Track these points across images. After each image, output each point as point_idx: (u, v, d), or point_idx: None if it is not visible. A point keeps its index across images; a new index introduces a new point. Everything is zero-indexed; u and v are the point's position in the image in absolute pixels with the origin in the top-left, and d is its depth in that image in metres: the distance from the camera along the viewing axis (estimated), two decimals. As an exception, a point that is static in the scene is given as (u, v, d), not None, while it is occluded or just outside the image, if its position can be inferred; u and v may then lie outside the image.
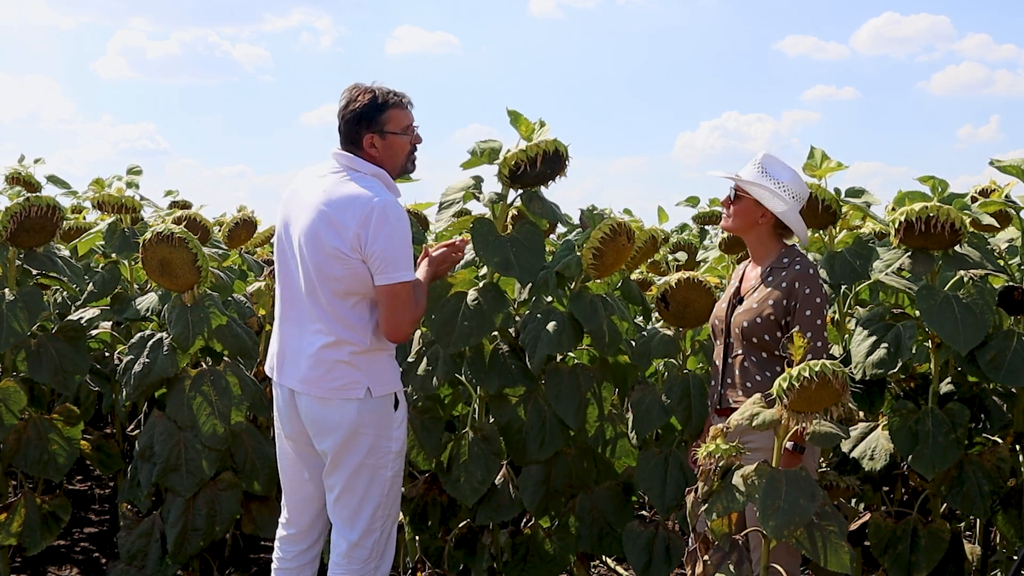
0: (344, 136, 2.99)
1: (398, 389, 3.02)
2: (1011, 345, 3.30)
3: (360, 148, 2.97)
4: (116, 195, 4.43)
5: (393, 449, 2.99)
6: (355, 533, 3.00)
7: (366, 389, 2.92)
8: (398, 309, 2.87)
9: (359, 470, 2.97)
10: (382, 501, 3.01)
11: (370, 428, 2.95)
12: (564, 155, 3.34)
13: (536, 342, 3.36)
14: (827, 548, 2.42)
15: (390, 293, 2.86)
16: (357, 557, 3.02)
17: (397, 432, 3.00)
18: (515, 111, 3.37)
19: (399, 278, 2.85)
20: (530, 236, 3.42)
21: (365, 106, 2.93)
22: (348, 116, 2.95)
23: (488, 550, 3.56)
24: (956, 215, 3.23)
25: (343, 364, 2.92)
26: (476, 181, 3.50)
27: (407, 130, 3.00)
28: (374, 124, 2.94)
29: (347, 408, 2.93)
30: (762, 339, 2.98)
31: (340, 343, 2.92)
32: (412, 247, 2.91)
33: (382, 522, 3.03)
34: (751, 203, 3.04)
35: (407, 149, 3.02)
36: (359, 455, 2.95)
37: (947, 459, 3.26)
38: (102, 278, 4.49)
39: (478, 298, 3.39)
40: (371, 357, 2.94)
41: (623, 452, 3.63)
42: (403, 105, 2.99)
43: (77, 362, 3.96)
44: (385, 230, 2.82)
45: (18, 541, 3.91)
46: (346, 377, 2.92)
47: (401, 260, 2.85)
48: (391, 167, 3.00)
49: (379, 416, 2.96)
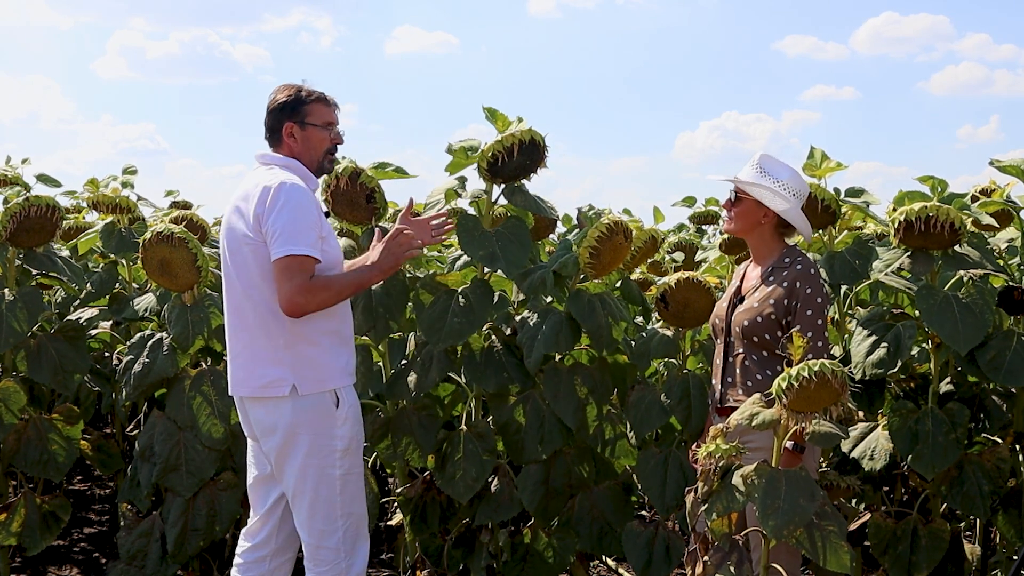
0: (267, 129, 3.02)
1: (338, 386, 2.93)
2: (1011, 345, 3.30)
3: (280, 139, 2.99)
4: (111, 195, 4.44)
5: (338, 448, 2.92)
6: (314, 536, 2.96)
7: (291, 387, 2.87)
8: (286, 279, 2.80)
9: (304, 472, 2.92)
10: (336, 500, 2.94)
11: (307, 428, 2.89)
12: (541, 144, 3.34)
13: (533, 341, 3.37)
14: (827, 548, 2.42)
15: (280, 265, 2.81)
16: (323, 559, 2.97)
17: (342, 430, 2.93)
18: (491, 108, 3.37)
19: (289, 251, 2.79)
20: (516, 230, 3.42)
21: (289, 97, 2.98)
22: (272, 107, 2.99)
23: (487, 550, 3.56)
24: (956, 215, 3.23)
25: (265, 361, 2.90)
26: (460, 181, 3.51)
27: (327, 126, 3.02)
28: (295, 114, 2.97)
29: (280, 409, 2.89)
30: (763, 338, 2.98)
31: (258, 339, 2.91)
32: (309, 226, 2.83)
33: (343, 521, 2.96)
34: (752, 204, 3.04)
35: (325, 145, 3.03)
36: (300, 457, 2.90)
37: (947, 459, 3.26)
38: (100, 278, 4.49)
39: (467, 295, 3.39)
40: (295, 353, 2.88)
41: (622, 452, 3.63)
42: (326, 102, 3.02)
43: (77, 362, 3.97)
44: (279, 206, 2.81)
45: (18, 541, 3.91)
46: (269, 375, 2.89)
47: (294, 235, 2.80)
48: (308, 161, 3.01)
49: (316, 416, 2.89)
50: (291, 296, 2.80)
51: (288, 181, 2.86)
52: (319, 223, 2.89)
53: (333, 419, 2.92)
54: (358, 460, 3.02)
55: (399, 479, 3.68)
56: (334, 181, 3.34)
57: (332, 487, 2.93)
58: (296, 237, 2.81)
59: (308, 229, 2.83)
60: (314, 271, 2.85)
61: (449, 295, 3.40)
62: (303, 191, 2.87)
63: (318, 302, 2.85)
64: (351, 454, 2.96)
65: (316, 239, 2.86)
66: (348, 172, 3.33)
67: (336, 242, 3.04)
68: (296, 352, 2.89)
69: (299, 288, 2.80)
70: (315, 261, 2.85)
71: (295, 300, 2.80)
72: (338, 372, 2.95)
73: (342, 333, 3.01)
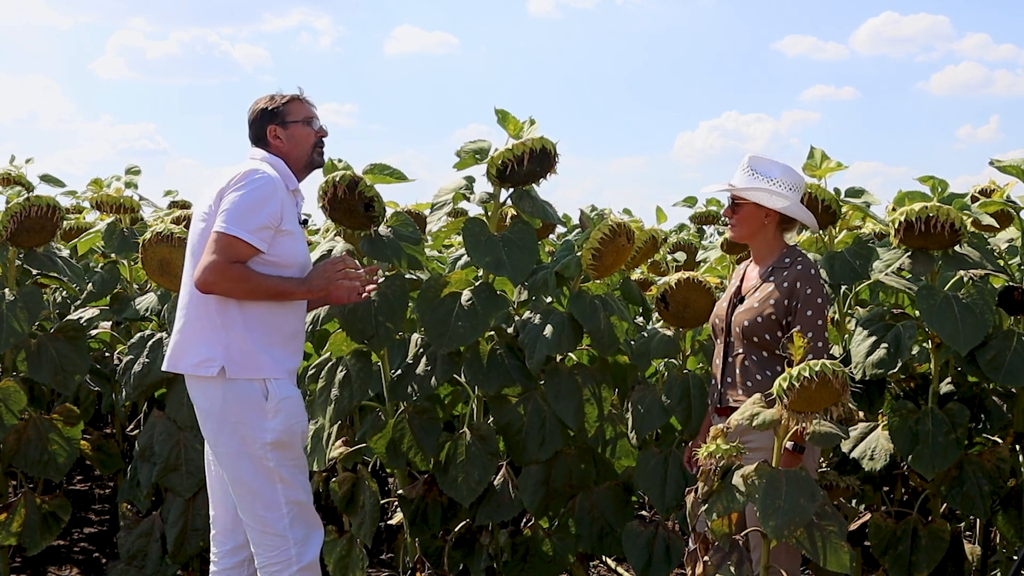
0: (252, 139, 3.08)
1: (268, 376, 2.91)
2: (1011, 345, 3.30)
3: (267, 144, 3.05)
4: (114, 195, 4.44)
5: (267, 440, 2.89)
6: (257, 521, 2.94)
7: (220, 368, 2.87)
8: (208, 252, 2.81)
9: (238, 459, 2.92)
10: (277, 488, 2.92)
11: (236, 416, 2.88)
12: (552, 152, 3.34)
13: (535, 342, 3.36)
14: (827, 548, 2.43)
15: (211, 238, 2.83)
16: (270, 544, 2.94)
17: (272, 423, 2.89)
18: (503, 110, 3.37)
19: (224, 228, 2.81)
20: (522, 235, 3.42)
21: (266, 104, 3.06)
22: (253, 118, 3.07)
23: (487, 550, 3.56)
24: (956, 215, 3.23)
25: (200, 340, 2.91)
26: (468, 182, 3.50)
27: (309, 121, 3.08)
28: (276, 116, 3.04)
29: (212, 392, 2.90)
30: (763, 338, 2.98)
31: (199, 318, 2.93)
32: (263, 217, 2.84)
33: (287, 508, 2.94)
34: (752, 207, 3.04)
35: (311, 140, 3.08)
36: (234, 444, 2.91)
37: (947, 459, 3.26)
38: (101, 278, 4.49)
39: (472, 298, 3.38)
40: (229, 336, 2.88)
41: (623, 452, 3.63)
42: (302, 100, 3.09)
43: (77, 362, 3.96)
44: (240, 186, 2.86)
45: (18, 541, 3.91)
46: (202, 354, 2.90)
47: (238, 216, 2.82)
48: (296, 157, 3.06)
49: (245, 405, 2.88)
50: (204, 269, 2.83)
51: (259, 171, 2.90)
52: (277, 218, 2.89)
53: (263, 411, 2.90)
54: (295, 453, 2.98)
55: (399, 480, 3.68)
56: (331, 189, 3.31)
57: (269, 476, 2.91)
58: (242, 219, 2.83)
59: (256, 216, 2.84)
60: (245, 259, 2.85)
61: (453, 298, 3.40)
62: (270, 182, 2.89)
63: (225, 288, 2.86)
64: (283, 448, 2.93)
65: (263, 229, 2.86)
66: (346, 180, 3.29)
67: (302, 247, 3.04)
68: (231, 335, 2.89)
69: (215, 265, 2.82)
70: (250, 249, 2.84)
71: (204, 275, 2.83)
72: (270, 364, 2.93)
73: (283, 330, 2.98)
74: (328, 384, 3.44)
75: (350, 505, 3.55)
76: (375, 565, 4.58)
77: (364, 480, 3.53)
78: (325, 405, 3.42)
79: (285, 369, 2.98)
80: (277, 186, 2.91)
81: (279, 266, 2.93)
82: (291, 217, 2.97)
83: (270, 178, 2.90)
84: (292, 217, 2.98)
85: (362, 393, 3.38)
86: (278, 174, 2.96)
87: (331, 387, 3.43)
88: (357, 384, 3.38)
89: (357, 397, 3.37)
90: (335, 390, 3.41)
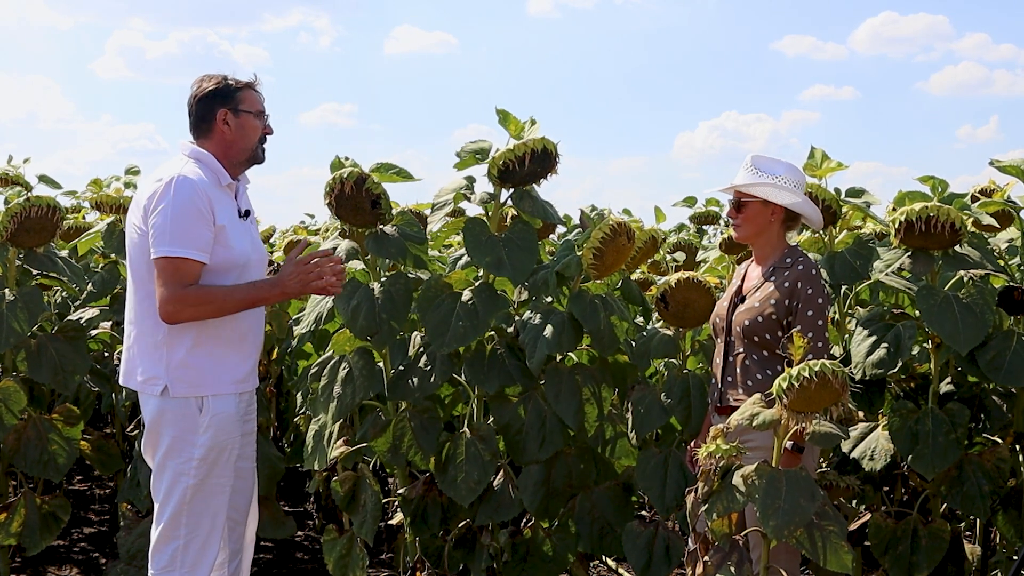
0: (196, 117, 2.95)
1: (210, 393, 2.88)
2: (1011, 345, 3.30)
3: (211, 128, 2.93)
4: (114, 195, 4.44)
5: (195, 456, 2.85)
6: (159, 534, 2.92)
7: (164, 387, 2.85)
8: (160, 283, 2.76)
9: (161, 469, 2.91)
10: (183, 509, 2.88)
11: (169, 428, 2.86)
12: (553, 153, 3.34)
13: (536, 342, 3.36)
14: (827, 548, 2.43)
15: (157, 267, 2.77)
16: (157, 560, 2.93)
17: (203, 438, 2.86)
18: (504, 110, 3.37)
19: (163, 252, 2.75)
20: (523, 235, 3.42)
21: (220, 85, 2.94)
22: (201, 95, 2.93)
23: (487, 550, 3.56)
24: (956, 215, 3.23)
25: (145, 357, 2.89)
26: (468, 181, 3.50)
27: (260, 115, 2.99)
28: (229, 101, 2.92)
29: (149, 404, 2.90)
30: (763, 338, 2.98)
31: (143, 334, 2.89)
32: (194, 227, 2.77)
33: (185, 532, 2.89)
34: (758, 205, 3.04)
35: (258, 134, 2.99)
36: (160, 453, 2.89)
37: (947, 459, 3.26)
38: (101, 278, 4.49)
39: (472, 298, 3.38)
40: (170, 353, 2.85)
41: (623, 452, 3.63)
42: (256, 90, 3.00)
43: (77, 362, 3.96)
44: (163, 203, 2.76)
45: (18, 541, 3.91)
46: (148, 371, 2.88)
47: (170, 235, 2.75)
48: (241, 148, 2.97)
49: (178, 417, 2.86)
50: (163, 302, 2.77)
51: (181, 178, 2.79)
52: (210, 221, 2.81)
53: (195, 424, 2.87)
54: (221, 472, 2.93)
55: (400, 480, 3.68)
56: (338, 185, 3.30)
57: (183, 495, 2.88)
58: (176, 237, 2.75)
59: (192, 228, 2.77)
60: (196, 275, 2.79)
61: (453, 298, 3.40)
62: (192, 188, 2.79)
63: (192, 313, 2.80)
64: (211, 464, 2.89)
65: (203, 240, 2.79)
66: (353, 177, 3.30)
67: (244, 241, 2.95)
68: (172, 352, 2.85)
69: (172, 296, 2.76)
70: (197, 264, 2.78)
71: (166, 307, 2.78)
72: (212, 381, 2.89)
73: (232, 336, 2.93)
74: (331, 382, 3.45)
75: (351, 504, 3.55)
76: (375, 565, 4.58)
77: (365, 479, 3.53)
78: (328, 402, 3.42)
79: (232, 380, 2.93)
80: (198, 188, 2.80)
81: (222, 270, 2.86)
82: (223, 213, 2.87)
83: (190, 183, 2.80)
84: (224, 212, 2.88)
85: (365, 391, 3.38)
86: (204, 174, 2.86)
87: (333, 384, 3.43)
88: (360, 382, 3.38)
89: (360, 394, 3.38)
90: (337, 387, 3.41)
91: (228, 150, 2.95)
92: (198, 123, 2.96)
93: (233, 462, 2.96)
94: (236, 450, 2.97)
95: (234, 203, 2.97)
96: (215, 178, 2.90)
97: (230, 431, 2.93)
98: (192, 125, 2.98)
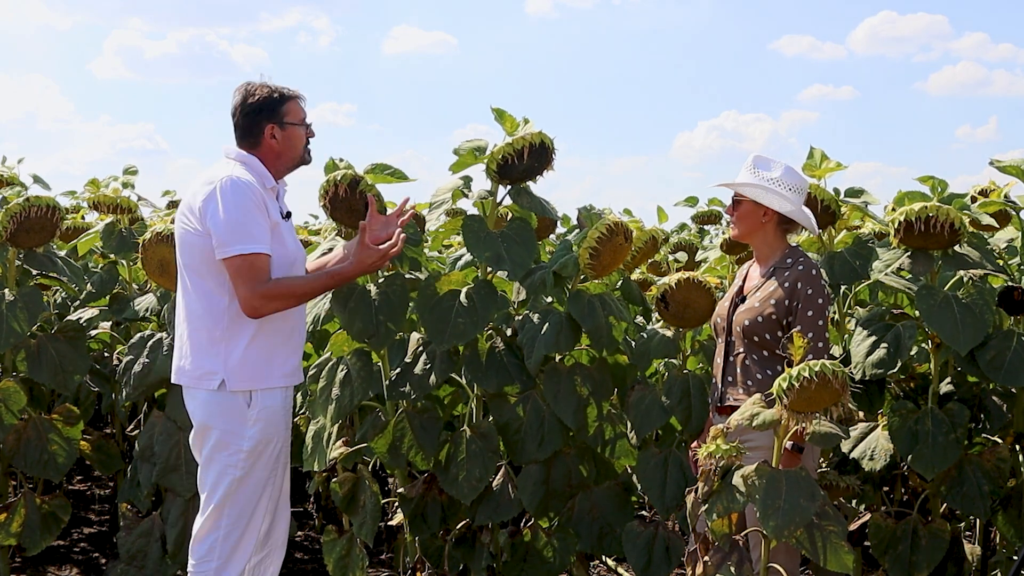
0: (242, 129, 3.04)
1: (259, 387, 2.96)
2: (1011, 345, 3.30)
3: (258, 140, 3.02)
4: (112, 195, 4.44)
5: (244, 448, 2.94)
6: (198, 524, 3.01)
7: (221, 382, 2.92)
8: (241, 282, 2.85)
9: (209, 462, 2.99)
10: (226, 501, 2.97)
11: (218, 421, 2.95)
12: (550, 147, 3.34)
13: (534, 342, 3.36)
14: (827, 548, 2.43)
15: (232, 266, 2.86)
16: (196, 551, 3.01)
17: (252, 431, 2.94)
18: (499, 108, 3.38)
19: (235, 251, 2.84)
20: (521, 231, 3.42)
21: (265, 99, 3.01)
22: (248, 109, 3.01)
23: (487, 550, 3.56)
24: (956, 215, 3.23)
25: (201, 352, 2.96)
26: (465, 180, 3.51)
27: (303, 123, 3.09)
28: (275, 115, 3.02)
29: (199, 399, 2.97)
30: (763, 338, 2.98)
31: (199, 330, 2.96)
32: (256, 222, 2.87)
33: (227, 521, 2.97)
34: (750, 205, 3.05)
35: (304, 141, 3.10)
36: (208, 447, 2.97)
37: (947, 459, 3.26)
38: (100, 278, 4.49)
39: (471, 295, 3.39)
40: (228, 347, 2.93)
41: (623, 452, 3.62)
42: (299, 99, 3.08)
43: (77, 362, 3.97)
44: (220, 204, 2.85)
45: (18, 541, 3.92)
46: (205, 367, 2.95)
47: (238, 233, 2.84)
48: (290, 157, 3.08)
49: (229, 411, 2.94)
50: (248, 299, 2.86)
51: (233, 179, 2.89)
52: (265, 215, 2.91)
53: (244, 418, 2.95)
54: (265, 465, 3.00)
55: (399, 480, 3.68)
56: (332, 188, 3.32)
57: (229, 487, 2.96)
58: (244, 234, 2.85)
59: (255, 224, 2.87)
60: (268, 267, 2.89)
61: (452, 296, 3.40)
62: (246, 187, 2.89)
63: (277, 306, 2.92)
64: (257, 457, 2.96)
65: (266, 234, 2.89)
66: (347, 179, 3.29)
67: (291, 240, 3.07)
68: (230, 347, 2.93)
69: (255, 292, 2.86)
70: (268, 257, 2.88)
71: (252, 303, 2.87)
72: (266, 373, 2.97)
73: (284, 330, 3.03)
74: (329, 383, 3.45)
75: (351, 505, 3.55)
76: (375, 565, 4.58)
77: (365, 480, 3.53)
78: (326, 404, 3.42)
79: (283, 374, 3.03)
80: (253, 186, 2.92)
81: (276, 267, 2.94)
82: (272, 212, 2.98)
83: (242, 183, 2.90)
84: (273, 212, 2.99)
85: (363, 392, 3.38)
86: (252, 176, 2.96)
87: (332, 386, 3.43)
88: (358, 383, 3.38)
89: (358, 396, 3.38)
90: (336, 389, 3.41)
91: (276, 161, 3.05)
92: (245, 135, 3.04)
93: (276, 456, 3.04)
94: (280, 444, 3.05)
95: (276, 204, 3.06)
96: (260, 180, 2.99)
97: (277, 424, 3.02)
98: (238, 136, 3.06)
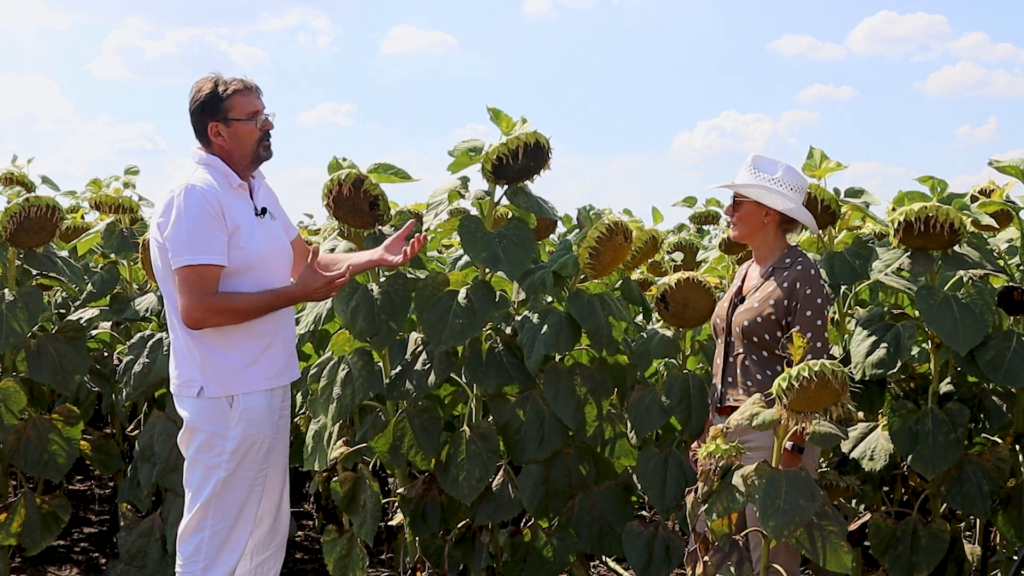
0: (193, 128, 2.99)
1: (242, 391, 2.94)
2: (1011, 345, 3.30)
3: (208, 140, 2.97)
4: (113, 195, 4.44)
5: (227, 448, 2.93)
6: (184, 525, 3.01)
7: (200, 388, 2.92)
8: (184, 292, 2.82)
9: (194, 463, 2.99)
10: (211, 501, 2.96)
11: (203, 424, 2.94)
12: (545, 147, 3.34)
13: (533, 342, 3.36)
14: (827, 548, 2.43)
15: (179, 276, 2.83)
16: (183, 552, 3.00)
17: (234, 432, 2.93)
18: (495, 108, 3.38)
19: (182, 261, 2.81)
20: (519, 231, 3.42)
21: (207, 95, 2.92)
22: (193, 107, 2.95)
23: (487, 550, 3.56)
24: (955, 215, 3.23)
25: (180, 360, 2.97)
26: (463, 181, 3.51)
27: (253, 116, 2.95)
28: (217, 112, 2.92)
29: (186, 403, 2.98)
30: (762, 338, 2.98)
31: (177, 339, 2.97)
32: (208, 232, 2.81)
33: (212, 522, 2.96)
34: (752, 206, 3.05)
35: (255, 136, 2.97)
36: (192, 448, 2.98)
37: (947, 459, 3.26)
38: (101, 278, 4.49)
39: (469, 296, 3.39)
40: (202, 354, 2.91)
41: (622, 452, 3.63)
42: (247, 91, 2.94)
43: (77, 362, 3.97)
44: (174, 214, 2.82)
45: (18, 541, 3.92)
46: (185, 374, 2.96)
47: (186, 244, 2.80)
48: (241, 155, 2.97)
49: (212, 414, 2.94)
50: (188, 310, 2.84)
51: (188, 187, 2.83)
52: (221, 223, 2.84)
53: (227, 419, 2.94)
54: (250, 466, 2.98)
55: (400, 480, 3.68)
56: (336, 187, 3.31)
57: (213, 488, 2.96)
58: (192, 245, 2.81)
59: (206, 234, 2.81)
60: (217, 279, 2.85)
61: (451, 296, 3.40)
62: (200, 195, 2.82)
63: (217, 320, 2.88)
64: (241, 457, 2.95)
65: (219, 243, 2.83)
66: (351, 179, 3.30)
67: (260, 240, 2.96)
68: (203, 353, 2.92)
69: (197, 304, 2.83)
70: (217, 269, 2.84)
71: (192, 315, 2.85)
72: (244, 378, 2.95)
73: (265, 333, 2.99)
74: (330, 383, 3.45)
75: (351, 504, 3.55)
76: (375, 565, 4.58)
77: (365, 479, 3.53)
78: (327, 404, 3.43)
79: (265, 377, 3.00)
80: (206, 194, 2.83)
81: (239, 271, 2.90)
82: (237, 213, 2.90)
83: (197, 190, 2.82)
84: (238, 213, 2.91)
85: (364, 391, 3.39)
86: (215, 178, 2.89)
87: (333, 386, 3.43)
88: (359, 383, 3.38)
89: (359, 395, 3.38)
90: (337, 388, 3.41)
91: (228, 158, 2.98)
92: (196, 135, 3.00)
93: (263, 456, 3.02)
94: (267, 444, 3.03)
95: (250, 202, 3.00)
96: (226, 181, 2.93)
97: (261, 426, 3.00)
98: (194, 134, 3.02)
